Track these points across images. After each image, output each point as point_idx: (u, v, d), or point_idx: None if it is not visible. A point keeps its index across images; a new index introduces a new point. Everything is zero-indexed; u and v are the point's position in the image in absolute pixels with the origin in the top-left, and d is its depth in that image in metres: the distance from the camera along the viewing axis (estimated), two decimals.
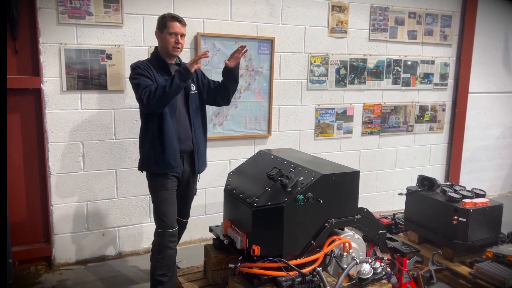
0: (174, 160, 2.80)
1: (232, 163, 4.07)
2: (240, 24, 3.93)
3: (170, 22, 2.80)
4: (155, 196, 2.87)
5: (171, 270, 2.85)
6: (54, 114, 3.41)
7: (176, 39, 2.80)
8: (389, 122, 4.87)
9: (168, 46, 2.81)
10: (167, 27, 2.80)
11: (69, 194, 3.54)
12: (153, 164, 2.81)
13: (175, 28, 2.79)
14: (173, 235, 2.84)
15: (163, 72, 2.83)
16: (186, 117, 2.91)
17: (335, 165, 2.90)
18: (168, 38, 2.80)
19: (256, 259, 2.46)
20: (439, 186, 3.65)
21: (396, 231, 3.92)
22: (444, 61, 5.06)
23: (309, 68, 4.32)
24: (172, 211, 2.86)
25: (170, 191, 2.86)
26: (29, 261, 3.48)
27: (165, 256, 2.82)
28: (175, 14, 2.86)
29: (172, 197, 2.87)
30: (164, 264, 2.82)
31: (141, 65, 2.78)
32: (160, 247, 2.83)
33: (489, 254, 3.25)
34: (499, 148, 5.80)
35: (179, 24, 2.81)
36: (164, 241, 2.81)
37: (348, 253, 2.64)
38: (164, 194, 2.83)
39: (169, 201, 2.85)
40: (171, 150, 2.78)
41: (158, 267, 2.83)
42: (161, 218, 2.82)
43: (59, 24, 3.32)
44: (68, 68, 3.38)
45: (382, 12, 4.59)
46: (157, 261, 2.83)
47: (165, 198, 2.83)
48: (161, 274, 2.82)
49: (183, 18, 2.86)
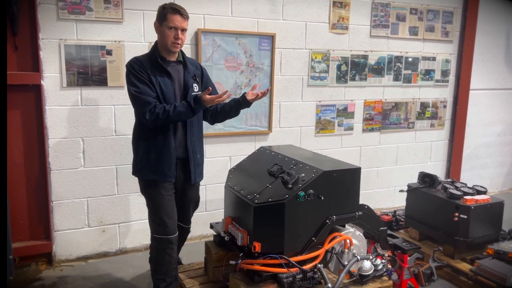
0: (169, 168, 2.64)
1: (233, 160, 4.06)
2: (241, 20, 3.92)
3: (170, 15, 2.53)
4: (150, 200, 2.70)
5: (170, 275, 2.73)
6: (54, 110, 3.40)
7: (176, 34, 2.56)
8: (390, 119, 4.86)
9: (167, 42, 2.57)
10: (166, 19, 2.54)
11: (70, 191, 3.54)
12: (147, 171, 2.65)
13: (175, 22, 2.54)
14: (171, 242, 2.67)
15: (159, 72, 2.60)
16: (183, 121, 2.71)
17: (336, 161, 2.89)
18: (167, 32, 2.55)
19: (257, 255, 2.46)
20: (440, 183, 3.64)
21: (397, 228, 3.92)
22: (445, 58, 5.04)
23: (310, 64, 4.30)
24: (171, 216, 2.68)
25: (166, 195, 2.68)
26: (29, 258, 3.48)
27: (164, 262, 2.69)
28: (177, 5, 2.58)
29: (169, 202, 2.69)
30: (163, 269, 2.70)
31: (136, 66, 2.55)
32: (157, 253, 2.70)
33: (490, 251, 3.25)
34: (500, 145, 5.80)
35: (180, 18, 2.55)
36: (162, 247, 2.67)
37: (349, 250, 2.65)
38: (159, 199, 2.65)
39: (166, 206, 2.67)
40: (167, 157, 2.62)
41: (156, 271, 2.73)
42: (157, 223, 2.66)
43: (59, 19, 3.30)
44: (68, 64, 3.36)
45: (383, 8, 4.57)
46: (155, 265, 2.73)
47: (161, 203, 2.66)
48: (160, 279, 2.72)
49: (185, 10, 2.61)
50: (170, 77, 2.65)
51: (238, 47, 3.92)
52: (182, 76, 2.72)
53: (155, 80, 2.57)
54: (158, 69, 2.60)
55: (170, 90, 2.63)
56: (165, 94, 2.60)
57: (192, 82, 2.74)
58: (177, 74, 2.70)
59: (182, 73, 2.73)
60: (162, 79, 2.60)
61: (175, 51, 2.66)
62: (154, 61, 2.60)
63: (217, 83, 3.87)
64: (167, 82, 2.62)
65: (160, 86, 2.59)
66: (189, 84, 2.72)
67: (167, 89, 2.61)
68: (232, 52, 3.90)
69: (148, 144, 2.65)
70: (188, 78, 2.73)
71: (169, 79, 2.64)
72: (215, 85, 3.78)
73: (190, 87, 2.72)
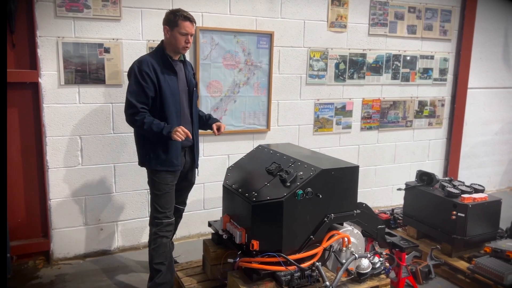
0: (176, 159, 2.85)
1: (231, 158, 4.06)
2: (239, 18, 3.91)
3: (182, 22, 2.78)
4: (155, 189, 2.88)
5: (167, 259, 2.90)
6: (52, 108, 3.39)
7: (187, 39, 2.82)
8: (388, 117, 4.87)
9: (179, 46, 2.82)
10: (178, 26, 2.78)
11: (67, 189, 3.53)
12: (156, 162, 2.83)
13: (187, 29, 2.79)
14: (170, 225, 2.90)
15: (168, 70, 2.83)
16: (188, 113, 2.97)
17: (334, 160, 2.89)
18: (179, 37, 2.80)
19: (255, 254, 2.46)
20: (438, 181, 3.65)
21: (395, 226, 3.93)
22: (443, 56, 5.05)
23: (308, 62, 4.30)
24: (171, 204, 2.93)
25: (171, 185, 2.90)
26: (27, 256, 3.47)
27: (161, 244, 2.87)
28: (187, 13, 2.82)
29: (172, 192, 2.92)
30: (160, 252, 2.86)
31: (145, 67, 2.74)
32: (156, 236, 2.87)
33: (487, 249, 3.26)
34: (498, 144, 5.81)
35: (190, 24, 2.81)
36: (161, 230, 2.86)
37: (347, 248, 2.65)
38: (164, 188, 2.86)
39: (169, 195, 2.90)
40: (174, 149, 2.83)
41: (155, 256, 2.86)
42: (159, 210, 2.86)
43: (57, 17, 3.29)
44: (66, 62, 3.35)
45: (381, 6, 4.57)
46: (154, 250, 2.87)
47: (166, 192, 2.87)
48: (159, 263, 2.86)
49: (193, 17, 2.84)
50: (176, 75, 2.87)
51: (236, 45, 3.91)
52: (184, 74, 2.96)
53: (164, 79, 2.79)
54: (168, 68, 2.83)
55: (175, 87, 2.86)
56: (173, 90, 2.83)
57: (190, 77, 3.00)
58: (181, 72, 2.95)
59: (183, 71, 2.97)
60: (170, 77, 2.83)
61: (184, 53, 2.95)
62: (166, 61, 2.83)
63: (215, 81, 3.87)
64: (173, 80, 2.86)
65: (169, 84, 2.82)
66: (192, 82, 3.01)
67: (173, 85, 2.84)
68: (231, 50, 3.90)
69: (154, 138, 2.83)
70: (190, 76, 3.00)
71: (174, 76, 2.86)
72: (213, 84, 3.85)
73: (195, 85, 3.03)
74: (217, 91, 3.91)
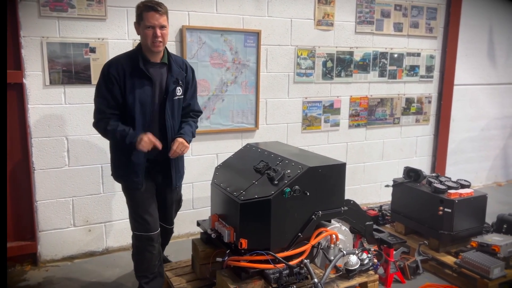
0: (137, 176, 2.55)
1: (220, 157, 4.05)
2: (226, 16, 3.90)
3: (145, 13, 2.39)
4: (129, 198, 2.66)
5: (152, 271, 2.70)
6: (37, 109, 3.35)
7: (154, 32, 2.40)
8: (375, 115, 4.90)
9: (147, 42, 2.43)
10: (143, 19, 2.41)
11: (54, 190, 3.49)
12: (116, 175, 2.67)
13: (151, 20, 2.38)
14: (151, 239, 2.61)
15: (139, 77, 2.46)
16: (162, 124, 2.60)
17: (321, 157, 2.91)
18: (146, 32, 2.41)
19: (243, 252, 2.47)
20: (425, 177, 3.68)
21: (383, 222, 3.96)
22: (429, 54, 5.09)
23: (296, 61, 4.31)
24: (150, 213, 2.62)
25: (144, 192, 2.62)
26: (14, 258, 3.42)
27: (144, 259, 2.65)
28: (150, 2, 2.42)
29: (147, 199, 2.63)
30: (144, 267, 2.68)
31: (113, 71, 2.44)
32: (138, 250, 2.67)
33: (473, 244, 3.30)
34: (484, 140, 5.88)
35: (156, 14, 2.38)
36: (142, 244, 2.63)
37: (335, 245, 2.66)
38: (137, 197, 2.60)
39: (145, 203, 2.62)
40: (135, 165, 2.53)
41: (138, 268, 2.73)
42: (136, 221, 2.62)
43: (41, 17, 3.25)
44: (51, 62, 3.32)
45: (368, 4, 4.59)
46: (136, 262, 2.72)
47: (139, 200, 2.61)
48: (142, 276, 2.71)
49: (162, 4, 2.45)
50: (151, 81, 2.52)
51: (223, 44, 3.90)
52: (165, 80, 2.58)
53: (131, 86, 2.46)
54: (138, 73, 2.47)
55: (147, 95, 2.50)
56: (139, 100, 2.48)
57: (174, 86, 2.61)
58: (159, 77, 2.56)
59: (165, 76, 2.58)
60: (141, 82, 2.47)
61: (157, 50, 2.50)
62: (136, 65, 2.47)
63: (203, 80, 3.86)
64: (146, 87, 2.50)
65: (135, 92, 2.47)
66: (169, 88, 2.58)
67: (144, 94, 2.49)
68: (218, 49, 3.89)
69: (116, 148, 2.64)
70: (170, 82, 2.58)
71: (149, 83, 2.51)
72: (201, 83, 3.81)
73: (171, 91, 2.59)
74: (205, 90, 3.90)
